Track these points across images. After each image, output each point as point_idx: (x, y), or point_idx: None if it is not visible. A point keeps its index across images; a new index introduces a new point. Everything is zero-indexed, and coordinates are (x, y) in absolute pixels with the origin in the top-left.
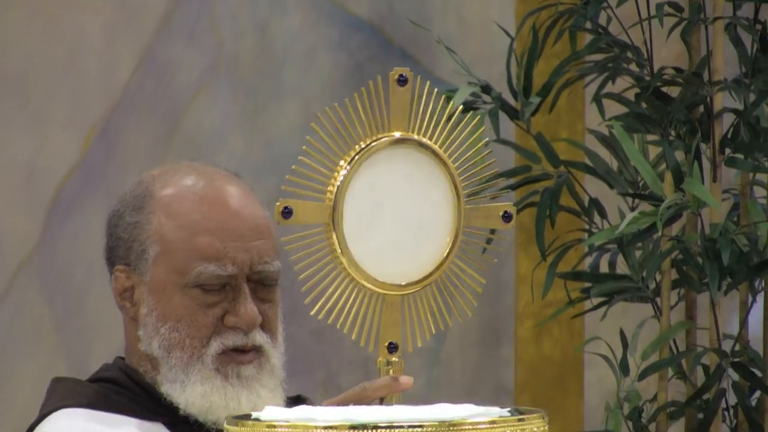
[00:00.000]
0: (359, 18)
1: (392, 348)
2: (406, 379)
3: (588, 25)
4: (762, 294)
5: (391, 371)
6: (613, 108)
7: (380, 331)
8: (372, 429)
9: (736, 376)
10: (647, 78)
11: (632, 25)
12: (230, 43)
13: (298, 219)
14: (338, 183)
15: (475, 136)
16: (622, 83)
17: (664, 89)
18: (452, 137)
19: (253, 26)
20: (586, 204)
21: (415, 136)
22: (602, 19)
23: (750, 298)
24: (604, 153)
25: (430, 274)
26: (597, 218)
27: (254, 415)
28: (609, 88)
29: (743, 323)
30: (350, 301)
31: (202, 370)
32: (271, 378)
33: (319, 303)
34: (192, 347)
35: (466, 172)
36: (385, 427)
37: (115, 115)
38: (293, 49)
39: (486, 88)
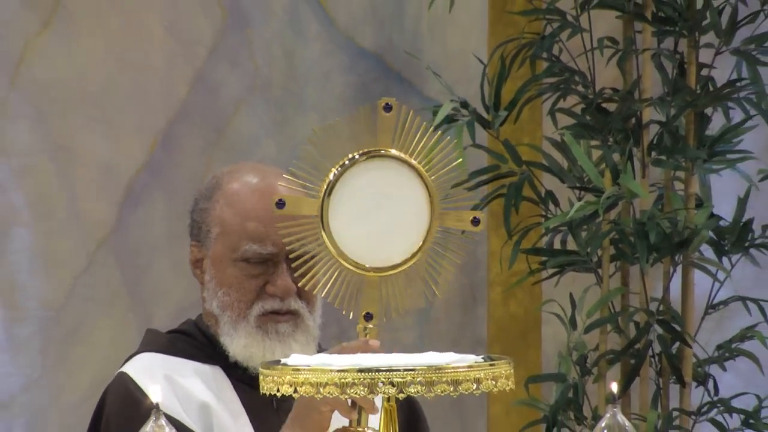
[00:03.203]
0: (365, 49)
1: (368, 317)
2: (374, 343)
3: (544, 54)
4: (681, 266)
5: (366, 335)
6: (564, 119)
7: (360, 304)
8: (375, 372)
9: (660, 331)
10: (591, 96)
11: (579, 55)
12: (264, 68)
13: (290, 210)
14: (327, 183)
15: (445, 149)
16: (571, 100)
17: (604, 105)
18: (431, 154)
19: (282, 55)
20: (543, 195)
21: (396, 152)
22: (556, 50)
23: (672, 269)
24: (557, 155)
25: (403, 263)
26: (552, 206)
27: (282, 361)
28: (561, 104)
29: (666, 289)
30: (334, 278)
31: (247, 327)
32: (304, 335)
33: (307, 276)
34: (239, 308)
35: (441, 182)
36: (386, 371)
37: (174, 125)
38: (313, 73)
39: (464, 104)
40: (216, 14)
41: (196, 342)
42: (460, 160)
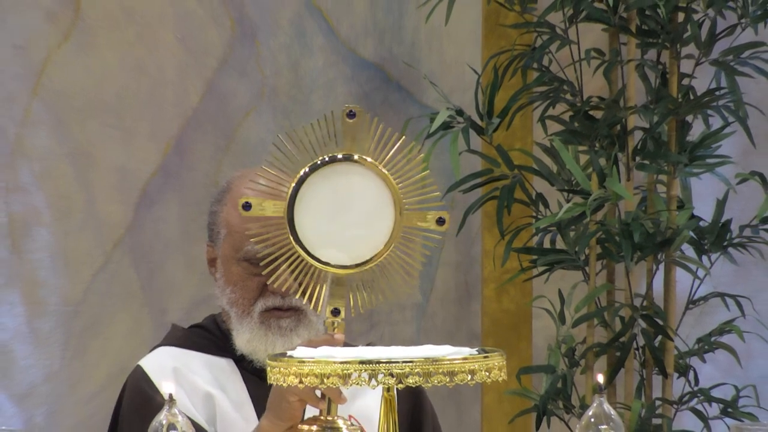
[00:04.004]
0: (366, 60)
1: (335, 312)
2: (339, 337)
3: (535, 65)
4: (663, 264)
5: (334, 329)
6: (554, 126)
7: (328, 299)
8: (376, 363)
9: (644, 325)
10: (578, 104)
11: (567, 65)
12: (271, 77)
13: (256, 212)
14: (293, 185)
15: (409, 155)
16: (560, 108)
17: (591, 112)
18: (396, 158)
19: (288, 65)
20: (534, 197)
21: (359, 156)
22: (545, 61)
23: (654, 267)
24: (547, 160)
25: (369, 261)
26: (542, 208)
27: (288, 353)
28: (550, 111)
29: (649, 285)
30: (301, 275)
31: (250, 323)
32: (307, 331)
33: (275, 274)
34: (243, 305)
35: (407, 184)
36: (386, 362)
37: (186, 131)
38: (318, 82)
39: (460, 112)
40: (226, 27)
41: (211, 336)
42: (420, 157)
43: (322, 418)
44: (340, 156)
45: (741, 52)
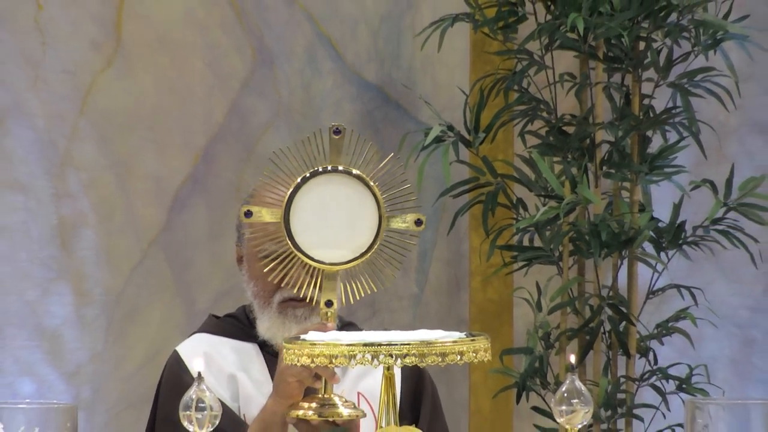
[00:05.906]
0: (370, 82)
1: (329, 304)
2: (330, 325)
3: (516, 87)
4: (627, 259)
5: (328, 319)
6: (532, 140)
7: (322, 292)
8: (377, 345)
9: (610, 312)
10: (553, 121)
11: (543, 87)
12: (287, 97)
13: (256, 218)
14: (289, 194)
15: (389, 165)
16: (537, 124)
17: (565, 128)
18: (378, 168)
19: (301, 87)
20: (515, 202)
21: (344, 167)
22: (525, 83)
23: (619, 262)
24: (526, 169)
25: (357, 258)
26: (521, 211)
27: (302, 336)
28: (529, 127)
29: (615, 278)
30: (297, 271)
31: (269, 313)
32: (319, 318)
33: (275, 271)
34: (264, 298)
35: (388, 190)
36: (386, 344)
37: (213, 144)
38: (327, 102)
39: (450, 127)
40: (247, 55)
41: (240, 324)
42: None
43: (319, 396)
44: (330, 168)
45: (694, 75)
